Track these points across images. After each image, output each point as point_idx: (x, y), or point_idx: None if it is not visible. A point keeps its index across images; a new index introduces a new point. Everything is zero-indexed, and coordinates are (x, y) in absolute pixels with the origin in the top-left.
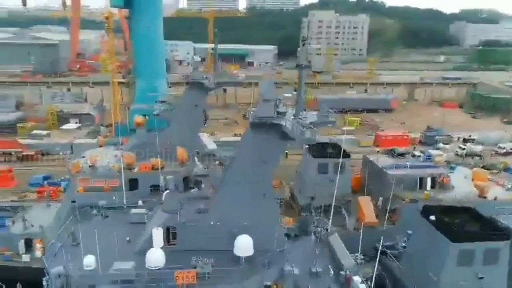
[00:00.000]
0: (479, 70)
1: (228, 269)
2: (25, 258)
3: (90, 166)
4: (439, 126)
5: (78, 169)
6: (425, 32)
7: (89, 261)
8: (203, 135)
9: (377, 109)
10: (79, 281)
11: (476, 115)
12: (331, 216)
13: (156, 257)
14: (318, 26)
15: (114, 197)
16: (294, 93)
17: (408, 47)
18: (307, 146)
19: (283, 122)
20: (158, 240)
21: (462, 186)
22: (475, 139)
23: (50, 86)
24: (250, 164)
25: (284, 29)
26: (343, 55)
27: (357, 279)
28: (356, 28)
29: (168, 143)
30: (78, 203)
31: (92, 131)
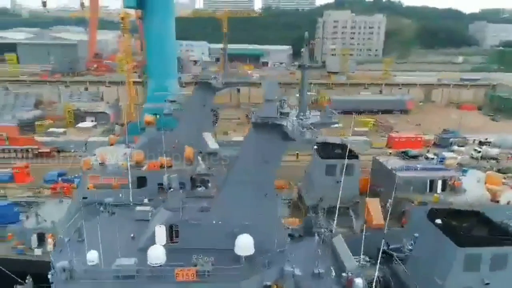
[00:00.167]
0: (499, 71)
1: (228, 268)
2: (37, 252)
3: (100, 164)
4: (456, 128)
5: (89, 166)
6: (443, 32)
7: (92, 256)
8: (207, 135)
9: (393, 111)
10: (82, 276)
11: (495, 118)
12: (336, 218)
13: (157, 254)
14: (334, 26)
15: (121, 195)
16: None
17: (426, 48)
18: (316, 147)
19: (285, 123)
20: (161, 238)
21: (474, 190)
22: (492, 142)
23: (68, 85)
24: (252, 164)
25: (299, 29)
26: (359, 56)
27: (359, 281)
28: (372, 28)
29: (177, 142)
30: (88, 200)
31: (107, 130)
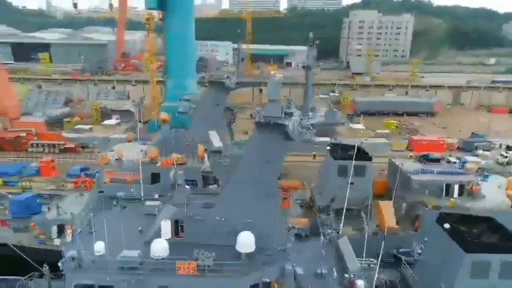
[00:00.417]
0: None
1: (229, 264)
2: (56, 242)
3: (117, 159)
4: (485, 132)
5: (106, 162)
6: (475, 33)
7: (99, 247)
8: (212, 133)
9: (418, 113)
10: (90, 265)
11: None
12: (343, 219)
13: (160, 247)
14: (359, 27)
15: (132, 190)
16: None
17: (456, 49)
18: (329, 148)
19: (287, 123)
20: (166, 232)
21: (494, 195)
22: None
23: (97, 84)
24: (255, 164)
25: (324, 30)
26: (385, 57)
27: (361, 283)
28: (400, 29)
29: (191, 140)
30: (104, 194)
31: (130, 127)
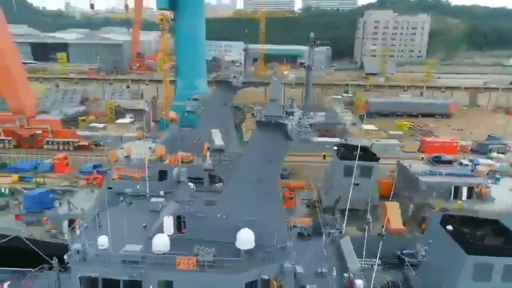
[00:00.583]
0: None
1: (228, 260)
2: (67, 237)
3: (126, 157)
4: (502, 135)
5: (115, 159)
6: (494, 33)
7: (103, 241)
8: (215, 132)
9: (434, 114)
10: (94, 258)
11: None
12: (345, 219)
13: (161, 242)
14: (374, 27)
15: (138, 186)
16: (344, 95)
17: (474, 49)
18: (336, 148)
19: (287, 122)
20: (169, 228)
21: (504, 198)
22: None
23: (112, 83)
24: (256, 163)
25: (338, 30)
26: (400, 57)
27: (360, 283)
28: (416, 29)
29: (198, 139)
30: (112, 190)
31: (142, 126)
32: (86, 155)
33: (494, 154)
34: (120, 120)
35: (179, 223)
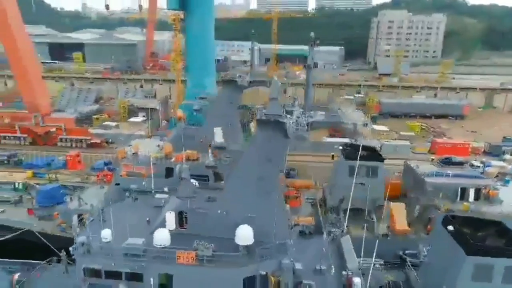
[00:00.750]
0: None
1: (227, 255)
2: (75, 231)
3: (133, 154)
4: None
5: (123, 156)
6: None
7: (106, 234)
8: (217, 130)
9: (447, 115)
10: (98, 251)
11: None
12: (346, 218)
13: (162, 237)
14: (388, 27)
15: (144, 183)
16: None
17: (491, 49)
18: (341, 148)
19: (285, 120)
20: (171, 223)
21: None
22: None
23: (126, 83)
24: (257, 160)
25: (352, 30)
26: (414, 57)
27: (357, 281)
28: (431, 29)
29: (204, 137)
30: (120, 186)
31: (154, 124)
32: (98, 153)
33: (508, 156)
34: (133, 119)
35: (181, 219)
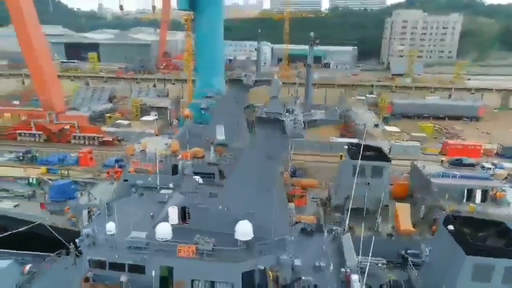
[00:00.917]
0: None
1: (226, 249)
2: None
3: (141, 151)
4: None
5: (132, 153)
6: None
7: (111, 227)
8: (219, 127)
9: (461, 117)
10: (102, 243)
11: None
12: (348, 217)
13: (163, 230)
14: (402, 27)
15: (149, 179)
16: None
17: (508, 50)
18: (346, 147)
19: (284, 118)
20: (173, 218)
21: None
22: None
23: (139, 82)
24: (256, 158)
25: (365, 30)
26: (429, 58)
27: (355, 278)
28: (446, 29)
29: (210, 135)
30: (128, 182)
31: (165, 123)
32: (110, 150)
33: None
34: (145, 118)
35: (184, 214)
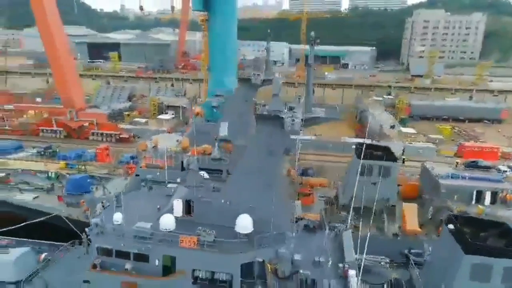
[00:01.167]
0: None
1: (226, 241)
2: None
3: (153, 147)
4: None
5: (144, 149)
6: None
7: (117, 217)
8: (223, 123)
9: (483, 119)
10: (110, 232)
11: None
12: (350, 216)
13: (167, 222)
14: (424, 27)
15: (158, 173)
16: (386, 97)
17: None
18: (354, 147)
19: (283, 115)
20: (178, 210)
21: None
22: None
23: (158, 81)
24: (258, 154)
25: (384, 30)
26: (451, 59)
27: (352, 273)
28: (469, 29)
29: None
30: (139, 177)
31: (181, 121)
32: (126, 147)
33: None
34: (161, 116)
35: (188, 207)
